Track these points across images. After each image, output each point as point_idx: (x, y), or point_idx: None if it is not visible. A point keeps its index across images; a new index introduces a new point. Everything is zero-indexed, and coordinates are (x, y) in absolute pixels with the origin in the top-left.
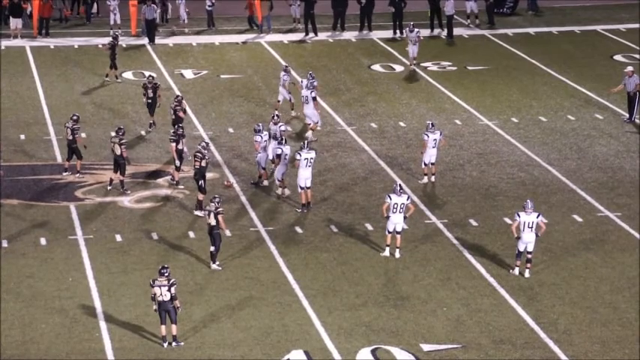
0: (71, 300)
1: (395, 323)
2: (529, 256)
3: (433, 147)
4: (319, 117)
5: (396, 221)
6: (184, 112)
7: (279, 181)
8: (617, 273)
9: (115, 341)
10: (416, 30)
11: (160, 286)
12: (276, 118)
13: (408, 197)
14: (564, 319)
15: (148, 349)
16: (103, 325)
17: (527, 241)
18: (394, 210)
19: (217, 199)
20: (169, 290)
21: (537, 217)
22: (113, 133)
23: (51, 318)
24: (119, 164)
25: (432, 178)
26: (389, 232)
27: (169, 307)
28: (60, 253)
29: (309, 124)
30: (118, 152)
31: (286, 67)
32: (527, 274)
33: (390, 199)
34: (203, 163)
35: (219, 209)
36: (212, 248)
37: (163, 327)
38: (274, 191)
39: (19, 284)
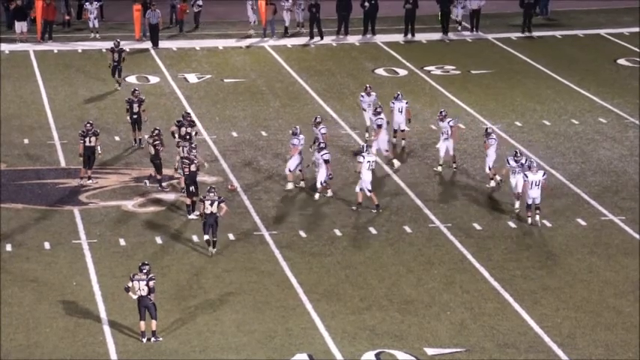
0: (75, 304)
1: (399, 327)
2: (537, 204)
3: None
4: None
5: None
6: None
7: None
8: (620, 277)
9: (119, 345)
10: (449, 120)
11: (138, 280)
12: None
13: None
14: (568, 323)
15: (151, 353)
16: (106, 329)
17: (534, 196)
18: None
19: (215, 188)
20: (147, 285)
21: (542, 176)
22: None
23: (55, 322)
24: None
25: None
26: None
27: (148, 302)
28: (64, 258)
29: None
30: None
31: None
32: (537, 218)
33: None
34: (193, 168)
35: (220, 197)
36: (206, 237)
37: (142, 323)
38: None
39: (23, 288)
